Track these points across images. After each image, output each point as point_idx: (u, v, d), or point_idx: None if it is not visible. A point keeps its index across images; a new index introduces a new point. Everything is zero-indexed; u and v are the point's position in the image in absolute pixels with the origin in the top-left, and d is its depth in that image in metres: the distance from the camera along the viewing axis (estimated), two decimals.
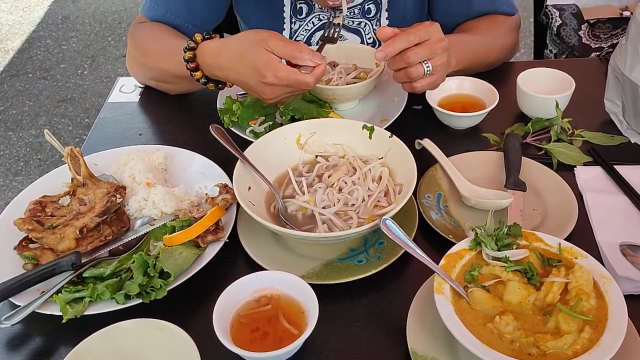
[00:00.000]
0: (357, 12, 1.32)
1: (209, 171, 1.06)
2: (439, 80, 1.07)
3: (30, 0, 4.41)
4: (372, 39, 1.36)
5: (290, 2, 1.30)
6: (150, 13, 1.30)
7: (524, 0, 3.71)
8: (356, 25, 1.34)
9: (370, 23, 1.34)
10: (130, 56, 1.32)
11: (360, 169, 0.99)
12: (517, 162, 1.04)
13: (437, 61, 1.03)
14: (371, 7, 1.31)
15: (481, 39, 1.26)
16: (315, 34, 1.35)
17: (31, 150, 3.01)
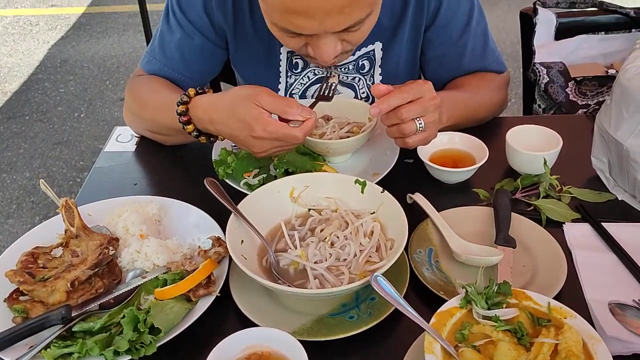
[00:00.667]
0: (351, 68, 1.35)
1: (202, 223, 1.07)
2: (431, 136, 1.09)
3: (30, 43, 4.50)
4: (366, 93, 1.39)
5: (286, 57, 1.34)
6: (148, 67, 1.34)
7: (515, 51, 3.82)
8: (350, 80, 1.38)
9: (364, 78, 1.37)
10: (127, 107, 1.34)
11: (352, 223, 1.00)
12: (507, 218, 1.05)
13: (430, 118, 1.06)
14: (365, 63, 1.35)
15: (471, 96, 1.29)
16: (311, 88, 1.38)
17: (24, 192, 3.01)
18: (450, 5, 1.27)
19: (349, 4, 0.97)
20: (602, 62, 1.60)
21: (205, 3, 1.27)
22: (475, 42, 1.31)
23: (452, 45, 1.31)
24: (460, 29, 1.29)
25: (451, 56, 1.32)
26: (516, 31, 3.60)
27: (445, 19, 1.28)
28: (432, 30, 1.30)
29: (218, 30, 1.31)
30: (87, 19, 4.84)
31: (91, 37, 4.55)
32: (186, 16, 1.28)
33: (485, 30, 1.33)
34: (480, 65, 1.33)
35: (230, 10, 1.27)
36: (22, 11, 5.07)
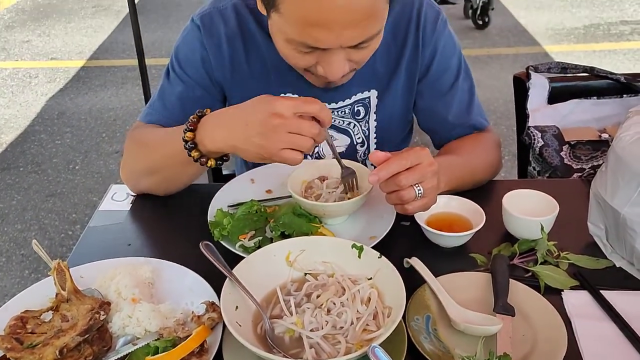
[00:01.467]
0: (347, 112, 1.39)
1: (197, 287, 1.05)
2: (430, 202, 1.10)
3: (28, 95, 4.54)
4: (361, 139, 1.42)
5: None
6: (147, 119, 1.36)
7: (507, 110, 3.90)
8: (345, 126, 1.40)
9: (359, 124, 1.41)
10: (124, 157, 1.34)
11: (349, 289, 0.99)
12: (505, 285, 1.04)
13: (428, 184, 1.07)
14: (360, 109, 1.39)
15: (466, 159, 1.31)
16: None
17: (15, 245, 2.98)
18: (442, 61, 1.35)
19: (367, 18, 1.02)
20: (595, 125, 1.63)
21: (204, 60, 1.32)
22: (462, 97, 1.38)
23: (441, 98, 1.37)
24: (449, 83, 1.36)
25: (439, 108, 1.38)
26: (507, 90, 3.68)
27: (436, 73, 1.35)
28: (424, 82, 1.37)
29: (216, 86, 1.35)
30: (86, 72, 4.92)
31: (90, 89, 4.61)
32: (186, 72, 1.33)
33: (472, 87, 1.40)
34: (465, 118, 1.38)
35: (227, 60, 1.32)
36: (21, 64, 5.15)
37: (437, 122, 1.40)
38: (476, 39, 5.22)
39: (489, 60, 4.79)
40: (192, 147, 1.13)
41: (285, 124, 1.01)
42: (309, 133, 1.02)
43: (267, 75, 1.34)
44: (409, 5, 1.33)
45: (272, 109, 1.01)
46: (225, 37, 1.31)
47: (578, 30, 5.37)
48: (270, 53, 1.30)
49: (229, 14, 1.31)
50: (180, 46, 1.35)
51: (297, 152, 1.03)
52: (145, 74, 3.45)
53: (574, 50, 4.96)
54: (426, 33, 1.32)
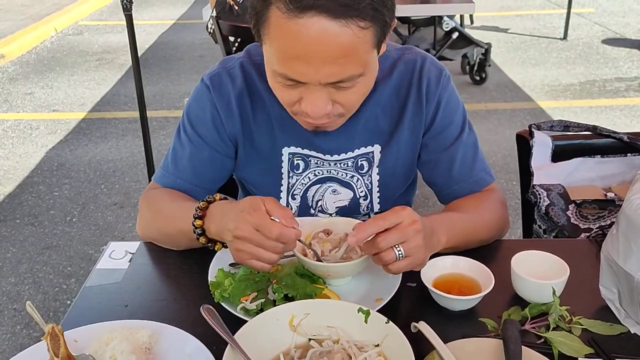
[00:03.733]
0: (350, 165, 1.39)
1: (197, 354, 1.00)
2: (417, 261, 1.09)
3: (28, 147, 4.55)
4: (364, 192, 1.42)
5: (287, 158, 1.39)
6: (161, 180, 1.40)
7: (506, 164, 3.91)
8: (349, 179, 1.40)
9: (362, 178, 1.41)
10: (140, 216, 1.38)
11: (356, 357, 0.95)
12: (517, 353, 0.99)
13: (411, 244, 1.06)
14: (364, 163, 1.39)
15: (470, 217, 1.30)
16: (311, 187, 1.41)
17: (7, 299, 2.91)
18: (446, 115, 1.36)
19: (344, 56, 1.06)
20: (599, 184, 1.62)
21: (214, 118, 1.35)
22: (466, 152, 1.38)
23: (445, 151, 1.38)
24: (453, 137, 1.37)
25: (443, 161, 1.38)
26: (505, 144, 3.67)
27: (440, 127, 1.37)
28: (428, 135, 1.38)
29: (227, 142, 1.38)
30: (87, 124, 4.94)
31: (90, 141, 4.62)
32: (196, 131, 1.36)
33: (476, 142, 1.41)
34: (469, 173, 1.38)
35: (237, 117, 1.35)
36: (23, 115, 5.18)
37: (441, 176, 1.39)
38: (474, 94, 5.29)
39: (487, 115, 4.84)
40: (201, 234, 1.19)
41: (249, 240, 1.05)
42: (272, 250, 1.06)
43: (271, 130, 1.36)
44: (412, 63, 1.35)
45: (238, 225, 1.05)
46: (234, 96, 1.34)
47: (574, 87, 5.46)
48: (274, 108, 1.33)
49: (237, 72, 1.35)
50: (192, 106, 1.39)
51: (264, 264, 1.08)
52: (147, 125, 3.45)
53: (570, 106, 5.02)
54: (430, 89, 1.34)
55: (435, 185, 1.42)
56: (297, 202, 1.41)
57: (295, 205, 1.42)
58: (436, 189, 1.43)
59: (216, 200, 1.21)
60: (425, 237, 1.09)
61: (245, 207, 1.07)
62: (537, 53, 6.41)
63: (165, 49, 6.94)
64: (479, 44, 5.16)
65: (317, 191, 1.40)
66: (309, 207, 1.42)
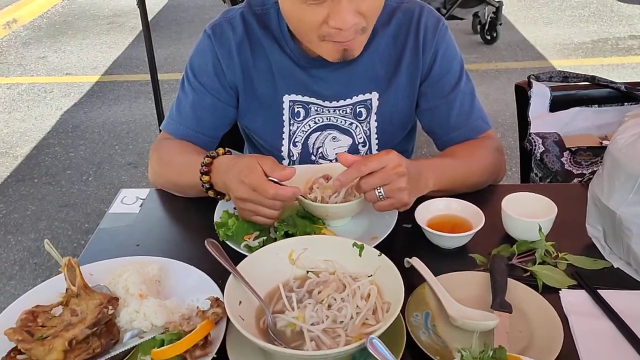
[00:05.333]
0: (349, 112, 1.44)
1: (202, 284, 1.08)
2: (397, 203, 1.16)
3: (43, 109, 4.64)
4: (363, 139, 1.47)
5: (288, 105, 1.44)
6: (167, 127, 1.47)
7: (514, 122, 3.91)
8: (347, 126, 1.45)
9: (361, 125, 1.45)
10: (151, 166, 1.45)
11: (350, 286, 1.01)
12: (503, 284, 1.06)
13: (393, 186, 1.13)
14: (362, 110, 1.44)
15: (463, 162, 1.35)
16: (312, 135, 1.46)
17: (28, 254, 3.03)
18: (443, 64, 1.40)
19: None
20: (596, 133, 1.65)
21: (215, 66, 1.40)
22: (464, 99, 1.42)
23: (443, 99, 1.42)
24: (451, 85, 1.41)
25: (441, 109, 1.42)
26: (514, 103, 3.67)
27: (437, 75, 1.40)
28: (426, 84, 1.42)
29: (229, 90, 1.43)
30: (100, 87, 5.01)
31: (103, 103, 4.70)
32: (198, 80, 1.42)
33: (473, 91, 1.44)
34: (467, 120, 1.42)
35: (237, 66, 1.40)
36: (37, 79, 5.26)
37: (439, 124, 1.44)
38: (484, 54, 5.26)
39: (496, 74, 4.82)
40: (209, 188, 1.26)
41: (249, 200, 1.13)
42: (271, 207, 1.14)
43: (272, 78, 1.41)
44: (410, 12, 1.39)
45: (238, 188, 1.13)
46: (235, 45, 1.39)
47: (586, 45, 5.39)
48: (274, 56, 1.37)
49: (237, 22, 1.39)
50: (194, 56, 1.44)
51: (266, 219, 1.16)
52: (158, 88, 3.51)
53: (582, 65, 4.97)
54: (427, 38, 1.38)
55: (433, 133, 1.47)
56: (299, 149, 1.47)
57: (297, 152, 1.47)
58: (434, 137, 1.47)
59: (219, 155, 1.27)
60: (410, 180, 1.15)
61: (242, 169, 1.14)
62: (551, 11, 6.31)
63: (175, 12, 6.94)
64: (490, 2, 5.10)
65: (317, 138, 1.46)
66: (309, 153, 1.47)
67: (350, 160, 1.14)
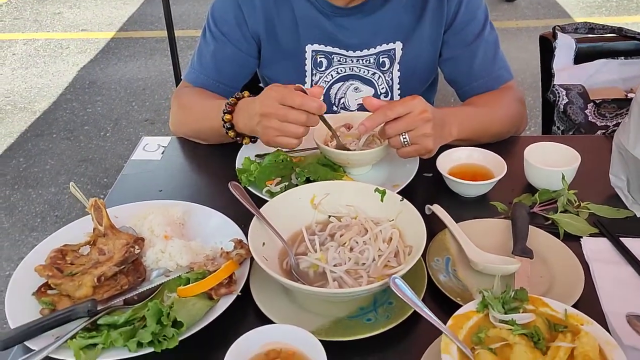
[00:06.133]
0: (372, 62, 1.42)
1: (224, 227, 1.09)
2: (422, 149, 1.15)
3: (60, 65, 4.64)
4: (385, 89, 1.46)
5: (311, 55, 1.43)
6: (188, 76, 1.47)
7: (535, 82, 3.85)
8: (370, 76, 1.44)
9: (384, 75, 1.45)
10: (172, 114, 1.46)
11: (372, 229, 1.02)
12: (524, 230, 1.06)
13: (419, 132, 1.12)
14: (385, 60, 1.42)
15: (485, 111, 1.34)
16: (334, 85, 1.46)
17: (49, 207, 3.08)
18: (467, 12, 1.38)
19: None
20: (621, 86, 1.62)
21: (237, 16, 1.39)
22: (487, 48, 1.41)
23: (466, 48, 1.41)
24: (475, 34, 1.40)
25: (464, 58, 1.41)
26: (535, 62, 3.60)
27: (461, 23, 1.39)
28: (450, 31, 1.40)
29: (250, 40, 1.42)
30: (116, 43, 4.99)
31: (119, 60, 4.69)
32: (219, 29, 1.41)
33: (497, 41, 1.43)
34: (489, 70, 1.40)
35: (260, 15, 1.39)
36: (53, 35, 5.24)
37: (462, 73, 1.42)
38: (505, 11, 5.14)
39: (517, 33, 4.72)
40: (230, 128, 1.25)
41: (275, 115, 1.10)
42: (296, 121, 1.10)
43: (295, 28, 1.39)
44: None
45: (264, 102, 1.12)
46: None
47: (610, 3, 5.25)
48: (299, 6, 1.36)
49: None
50: (216, 4, 1.43)
51: (290, 138, 1.13)
52: (174, 45, 3.48)
53: (605, 23, 4.84)
54: None
55: (455, 83, 1.46)
56: (320, 100, 1.45)
57: None
58: (456, 86, 1.46)
59: (244, 97, 1.27)
60: (435, 126, 1.13)
61: (271, 86, 1.14)
62: None
63: None
64: None
65: (339, 89, 1.45)
66: (331, 104, 1.46)
67: (376, 104, 1.13)
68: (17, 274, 0.99)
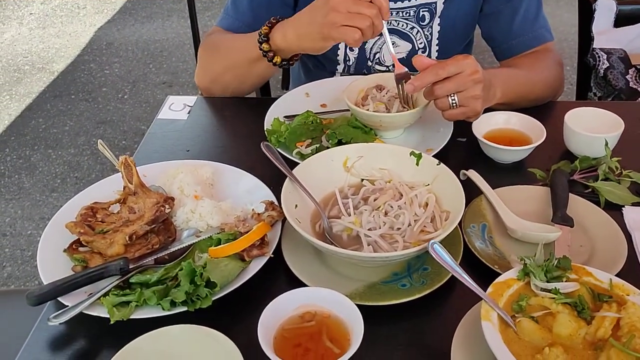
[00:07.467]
0: (411, 15, 1.37)
1: (255, 189, 1.07)
2: (470, 112, 1.10)
3: (77, 26, 4.59)
4: (424, 44, 1.41)
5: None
6: (222, 23, 1.42)
7: (568, 45, 3.74)
8: (409, 30, 1.39)
9: (422, 30, 1.39)
10: (199, 64, 1.41)
11: (407, 194, 0.99)
12: (564, 198, 1.03)
13: (468, 93, 1.08)
14: (425, 14, 1.37)
15: (526, 73, 1.30)
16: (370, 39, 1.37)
17: (69, 168, 3.08)
18: None
19: None
20: None
21: None
22: (530, 5, 1.36)
23: (508, 3, 1.36)
24: None
25: (505, 14, 1.36)
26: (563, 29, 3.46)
27: None
28: None
29: None
30: (133, 4, 4.92)
31: (136, 21, 4.62)
32: None
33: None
34: (530, 28, 1.36)
35: None
36: None
37: (501, 29, 1.37)
38: None
39: None
40: (264, 40, 1.20)
41: (344, 2, 1.05)
42: (367, 12, 1.05)
43: None
44: None
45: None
46: None
47: None
48: None
49: None
50: None
51: (356, 29, 1.06)
52: (193, 5, 3.42)
53: None
54: None
55: (493, 40, 1.40)
56: (355, 54, 1.41)
57: (353, 56, 1.42)
58: (494, 44, 1.41)
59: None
60: (484, 88, 1.09)
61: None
62: None
63: None
64: None
65: (375, 43, 1.40)
66: (366, 59, 1.41)
67: (425, 63, 1.08)
68: (48, 231, 0.98)
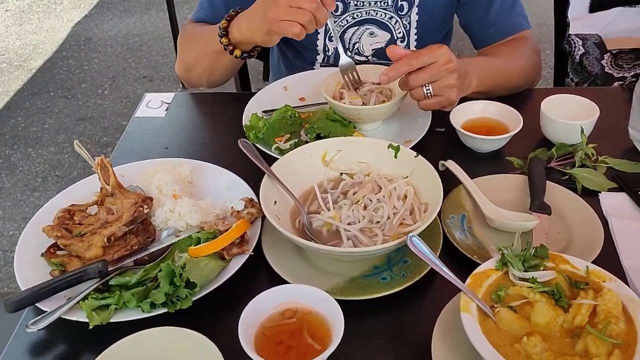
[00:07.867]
0: (390, 4, 1.37)
1: (234, 186, 1.07)
2: (445, 101, 1.11)
3: (54, 21, 4.52)
4: (402, 33, 1.41)
5: None
6: (196, 15, 1.44)
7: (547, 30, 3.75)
8: (387, 20, 1.39)
9: (401, 20, 1.39)
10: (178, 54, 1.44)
11: (386, 187, 1.00)
12: (541, 186, 1.04)
13: (443, 83, 1.08)
14: (404, 4, 1.37)
15: (503, 62, 1.30)
16: (348, 30, 1.41)
17: (49, 166, 3.05)
18: None
19: None
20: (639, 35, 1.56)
21: None
22: None
23: None
24: None
25: (482, 2, 1.36)
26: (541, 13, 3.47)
27: None
28: None
29: None
30: None
31: (114, 15, 4.56)
32: None
33: None
34: (506, 16, 1.36)
35: None
36: None
37: (478, 17, 1.37)
38: None
39: None
40: (224, 35, 1.21)
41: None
42: (307, 7, 1.05)
43: None
44: None
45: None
46: None
47: None
48: None
49: None
50: None
51: (295, 24, 1.07)
52: None
53: None
54: None
55: (470, 28, 1.41)
56: (334, 44, 1.41)
57: (332, 47, 1.41)
58: (471, 32, 1.41)
59: None
60: (459, 77, 1.09)
61: None
62: None
63: None
64: None
65: (354, 33, 1.40)
66: (345, 49, 1.41)
67: (400, 53, 1.08)
68: (25, 235, 0.97)
